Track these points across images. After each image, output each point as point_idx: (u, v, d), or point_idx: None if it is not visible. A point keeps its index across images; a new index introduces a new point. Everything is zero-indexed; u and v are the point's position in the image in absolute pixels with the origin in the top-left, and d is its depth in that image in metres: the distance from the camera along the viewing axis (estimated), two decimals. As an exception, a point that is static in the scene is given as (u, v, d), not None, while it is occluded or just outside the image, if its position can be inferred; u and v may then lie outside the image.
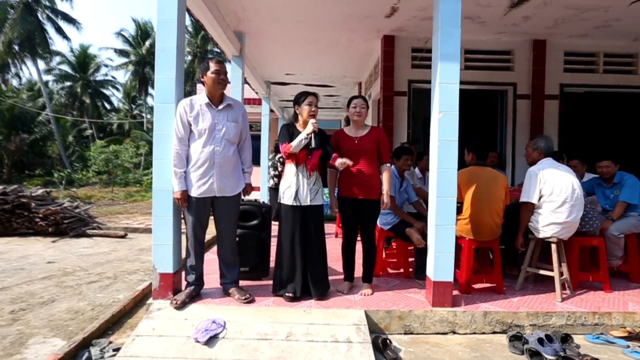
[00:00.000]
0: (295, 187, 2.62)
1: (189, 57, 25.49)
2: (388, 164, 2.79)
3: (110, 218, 8.65)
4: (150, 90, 27.33)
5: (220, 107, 2.53)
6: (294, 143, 2.54)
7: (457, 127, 2.56)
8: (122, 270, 4.48)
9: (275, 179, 5.47)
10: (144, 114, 26.48)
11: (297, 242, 2.63)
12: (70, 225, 6.23)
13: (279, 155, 5.53)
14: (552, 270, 2.92)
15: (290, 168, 2.69)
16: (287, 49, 5.46)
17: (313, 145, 2.53)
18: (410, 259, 3.42)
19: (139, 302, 3.30)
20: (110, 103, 28.13)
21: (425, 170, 4.06)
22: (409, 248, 3.41)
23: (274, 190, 5.62)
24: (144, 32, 26.00)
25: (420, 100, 5.11)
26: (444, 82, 2.55)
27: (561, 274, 2.89)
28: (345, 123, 3.11)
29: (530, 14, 4.07)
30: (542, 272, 2.96)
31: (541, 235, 2.89)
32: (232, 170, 2.57)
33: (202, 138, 2.46)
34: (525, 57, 4.89)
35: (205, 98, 2.50)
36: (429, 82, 4.84)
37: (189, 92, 23.74)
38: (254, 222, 3.07)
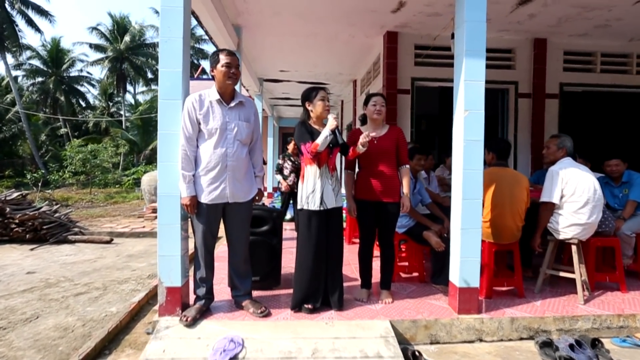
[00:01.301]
0: (320, 190, 2.43)
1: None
2: (407, 165, 2.65)
3: (92, 222, 8.18)
4: (129, 87, 26.32)
5: (231, 104, 2.31)
6: (320, 141, 2.33)
7: (483, 127, 2.45)
8: (111, 279, 4.16)
9: (284, 182, 5.06)
10: (122, 112, 25.44)
11: (321, 251, 2.45)
12: (50, 231, 5.80)
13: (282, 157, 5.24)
14: (571, 272, 2.87)
15: (312, 170, 2.46)
16: (284, 44, 5.25)
17: (340, 140, 2.36)
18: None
19: (135, 315, 3.04)
20: (86, 100, 26.87)
21: (430, 169, 3.96)
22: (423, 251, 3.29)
23: (287, 195, 5.21)
24: (121, 27, 24.96)
25: (423, 99, 5.04)
26: (470, 79, 2.43)
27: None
28: (360, 122, 2.94)
29: (536, 12, 4.04)
30: (562, 274, 2.90)
31: (561, 236, 2.83)
32: (245, 174, 2.36)
33: (213, 138, 2.23)
34: (526, 56, 4.88)
35: (215, 94, 2.27)
36: (433, 80, 4.85)
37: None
38: (265, 227, 2.87)
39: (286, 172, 5.07)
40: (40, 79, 23.80)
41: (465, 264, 2.47)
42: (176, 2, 2.28)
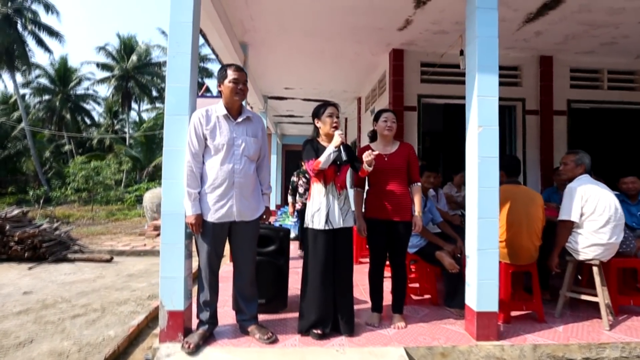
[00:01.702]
0: (326, 209, 2.34)
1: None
2: (419, 183, 2.56)
3: (92, 239, 8.06)
4: (133, 105, 26.67)
5: (239, 119, 2.26)
6: (322, 158, 2.28)
7: (497, 143, 2.38)
8: (110, 300, 4.02)
9: (291, 208, 4.70)
10: (126, 129, 25.69)
11: (329, 271, 2.34)
12: (50, 249, 5.69)
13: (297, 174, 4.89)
14: (593, 294, 2.72)
15: (318, 188, 2.41)
16: (290, 61, 5.28)
17: (344, 158, 2.27)
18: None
19: (134, 339, 2.90)
20: (91, 118, 27.20)
21: (437, 187, 3.87)
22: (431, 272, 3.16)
23: (302, 215, 4.97)
24: (128, 47, 25.55)
25: (427, 115, 5.00)
26: (483, 94, 2.37)
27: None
28: (370, 139, 2.86)
29: (543, 30, 4.04)
30: (584, 297, 2.75)
31: (581, 257, 2.70)
32: (252, 191, 2.28)
33: (220, 154, 2.16)
34: (532, 73, 4.87)
35: (222, 109, 2.22)
36: (440, 97, 4.83)
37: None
38: (271, 247, 2.76)
39: (301, 189, 4.72)
40: (47, 97, 24.18)
41: (483, 287, 2.34)
42: (185, 17, 2.26)
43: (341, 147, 2.27)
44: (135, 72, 25.00)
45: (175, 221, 2.21)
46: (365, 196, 2.68)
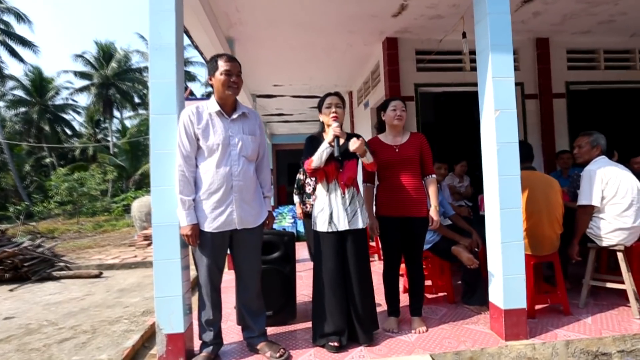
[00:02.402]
0: (329, 209, 2.14)
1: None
2: (434, 175, 2.37)
3: (79, 254, 7.67)
4: (116, 112, 25.93)
5: (234, 116, 2.02)
6: (315, 156, 2.10)
7: (516, 127, 2.20)
8: (101, 319, 3.73)
9: (299, 208, 4.12)
10: (109, 138, 24.95)
11: (337, 277, 2.13)
12: (32, 268, 5.33)
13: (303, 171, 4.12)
14: (619, 281, 2.59)
15: (320, 188, 2.24)
16: (279, 57, 5.03)
17: (336, 153, 2.06)
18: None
19: (130, 363, 2.64)
20: (72, 128, 26.29)
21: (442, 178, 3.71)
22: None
23: (308, 218, 4.31)
24: (107, 54, 24.77)
25: (426, 105, 4.83)
26: (498, 76, 2.20)
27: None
28: (377, 131, 2.65)
29: (542, 10, 3.90)
30: (609, 285, 2.62)
31: (605, 243, 2.56)
32: (253, 194, 2.05)
33: (215, 156, 1.93)
34: (529, 56, 4.74)
35: (215, 105, 1.98)
36: (437, 85, 4.65)
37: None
38: (276, 254, 2.54)
39: (309, 189, 4.17)
40: (23, 109, 23.25)
41: (509, 283, 2.17)
42: (167, 4, 2.01)
43: (336, 142, 2.07)
44: (116, 79, 24.28)
45: (168, 233, 1.96)
46: (375, 192, 2.48)
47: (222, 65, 1.97)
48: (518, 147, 2.20)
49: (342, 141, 2.09)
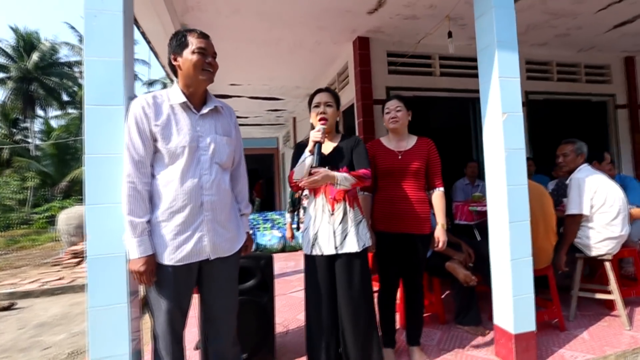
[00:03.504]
0: (314, 228, 1.78)
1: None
2: (441, 188, 2.08)
3: (-15, 280, 6.29)
4: (39, 111, 22.81)
5: (204, 110, 1.55)
6: (297, 168, 1.78)
7: (523, 132, 2.03)
8: (11, 370, 2.91)
9: (289, 230, 3.58)
10: (30, 139, 21.80)
11: (325, 309, 1.77)
12: None
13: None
14: (605, 292, 2.56)
15: (308, 202, 1.89)
16: (239, 51, 4.53)
17: (314, 163, 1.72)
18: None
19: None
20: (-20, 128, 22.58)
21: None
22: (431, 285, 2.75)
23: None
24: (28, 44, 21.72)
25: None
26: (505, 75, 2.01)
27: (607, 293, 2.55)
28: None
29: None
30: (598, 296, 2.57)
31: (594, 253, 2.51)
32: (229, 213, 1.59)
33: (179, 163, 1.44)
34: (493, 65, 4.81)
35: (179, 95, 1.50)
36: (409, 89, 4.51)
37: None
38: (251, 282, 2.08)
39: (306, 203, 3.49)
40: None
41: (519, 304, 1.96)
42: (110, -42, 1.49)
43: (316, 149, 1.72)
44: (40, 74, 21.36)
45: (110, 269, 1.42)
46: (372, 202, 2.15)
47: (194, 41, 1.50)
48: (525, 155, 2.02)
49: (328, 148, 1.76)
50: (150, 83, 24.39)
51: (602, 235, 2.47)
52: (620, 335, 2.31)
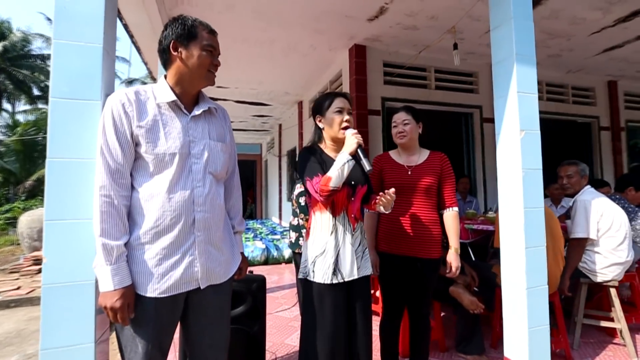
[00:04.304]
0: (334, 252, 1.54)
1: None
2: (455, 208, 1.89)
3: None
4: (6, 105, 21.44)
5: (196, 112, 1.32)
6: (334, 172, 1.46)
7: (540, 151, 1.91)
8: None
9: (294, 234, 2.84)
10: (-7, 134, 20.39)
11: (340, 344, 1.53)
12: None
13: (297, 193, 2.84)
14: (608, 319, 2.47)
15: (322, 220, 1.58)
16: (231, 52, 4.30)
17: (367, 167, 1.48)
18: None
19: None
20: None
21: None
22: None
23: (300, 255, 2.86)
24: (-4, 32, 20.49)
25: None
26: (524, 91, 1.89)
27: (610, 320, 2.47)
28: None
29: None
30: (603, 323, 2.47)
31: (599, 278, 2.42)
32: (223, 232, 1.35)
33: (167, 172, 1.20)
34: (487, 80, 4.81)
35: (168, 93, 1.25)
36: (404, 100, 4.39)
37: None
38: (240, 309, 1.83)
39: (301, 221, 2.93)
40: None
41: (535, 336, 1.81)
42: None
43: (362, 153, 1.50)
44: (8, 65, 20.13)
45: (71, 303, 1.15)
46: (377, 221, 1.96)
47: (204, 36, 1.26)
48: (542, 176, 1.90)
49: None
50: (130, 82, 23.52)
51: (608, 261, 2.38)
52: (628, 367, 2.21)
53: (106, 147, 1.14)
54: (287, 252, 5.66)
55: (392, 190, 1.51)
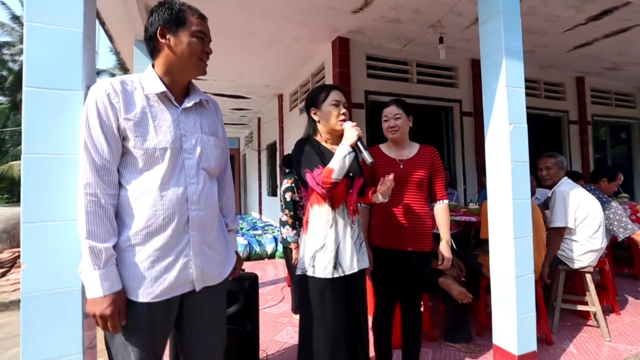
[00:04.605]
0: (334, 245, 1.51)
1: (22, 57, 19.69)
2: (446, 201, 1.92)
3: None
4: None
5: (187, 104, 1.24)
6: (335, 164, 1.43)
7: (527, 144, 1.96)
8: None
9: (295, 253, 2.70)
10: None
11: (341, 340, 1.51)
12: None
13: (284, 188, 2.81)
14: (583, 303, 2.61)
15: (321, 213, 1.55)
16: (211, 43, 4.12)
17: (369, 160, 1.47)
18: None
19: None
20: None
21: None
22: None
23: (291, 252, 2.81)
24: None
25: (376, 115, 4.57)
26: (512, 85, 1.93)
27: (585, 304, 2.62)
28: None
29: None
30: (580, 307, 2.60)
31: (576, 265, 2.54)
32: (217, 231, 1.29)
33: (158, 168, 1.12)
34: (467, 75, 4.91)
35: (157, 83, 1.17)
36: (387, 94, 4.41)
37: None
38: (233, 308, 1.77)
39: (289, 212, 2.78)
40: None
41: (522, 324, 1.88)
42: None
43: (362, 146, 1.49)
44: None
45: (54, 312, 1.06)
46: (370, 215, 1.95)
47: (194, 21, 1.18)
48: (528, 168, 1.95)
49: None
50: (97, 73, 22.33)
51: (585, 248, 2.50)
52: (603, 347, 2.34)
53: (90, 141, 1.05)
54: (269, 248, 5.59)
55: (392, 175, 1.53)
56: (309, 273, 1.52)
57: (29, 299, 1.04)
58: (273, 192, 8.27)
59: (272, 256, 5.58)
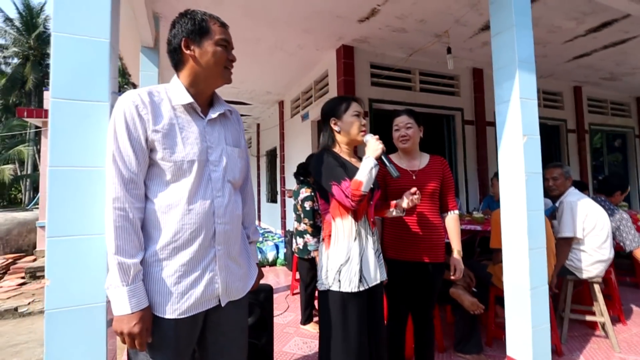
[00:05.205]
0: (358, 259, 1.50)
1: (15, 60, 19.65)
2: (456, 211, 1.92)
3: None
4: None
5: (212, 115, 1.22)
6: (364, 177, 1.42)
7: (540, 156, 1.97)
8: None
9: (308, 239, 2.69)
10: None
11: (363, 356, 1.49)
12: None
13: (302, 197, 2.79)
14: (590, 313, 2.62)
15: (343, 226, 1.52)
16: (213, 49, 4.11)
17: (394, 173, 1.47)
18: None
19: None
20: None
21: None
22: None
23: (308, 262, 2.78)
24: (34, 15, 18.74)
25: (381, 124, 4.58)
26: (526, 97, 1.94)
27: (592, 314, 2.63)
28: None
29: (489, 41, 4.05)
30: (589, 318, 2.61)
31: (585, 275, 2.55)
32: (241, 245, 1.27)
33: (186, 181, 1.10)
34: (467, 84, 4.96)
35: (184, 94, 1.15)
36: (390, 102, 4.44)
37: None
38: (248, 321, 1.73)
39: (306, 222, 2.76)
40: None
41: (537, 335, 1.87)
42: None
43: (386, 159, 1.49)
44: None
45: (79, 329, 1.03)
46: (382, 228, 1.94)
47: (216, 30, 1.16)
48: (542, 179, 1.96)
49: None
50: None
51: (593, 258, 2.52)
52: (613, 359, 2.34)
53: (119, 154, 1.03)
54: (270, 255, 5.55)
55: (416, 191, 1.56)
56: (334, 288, 1.49)
57: (52, 316, 1.01)
58: (272, 199, 8.23)
59: (273, 264, 5.54)
